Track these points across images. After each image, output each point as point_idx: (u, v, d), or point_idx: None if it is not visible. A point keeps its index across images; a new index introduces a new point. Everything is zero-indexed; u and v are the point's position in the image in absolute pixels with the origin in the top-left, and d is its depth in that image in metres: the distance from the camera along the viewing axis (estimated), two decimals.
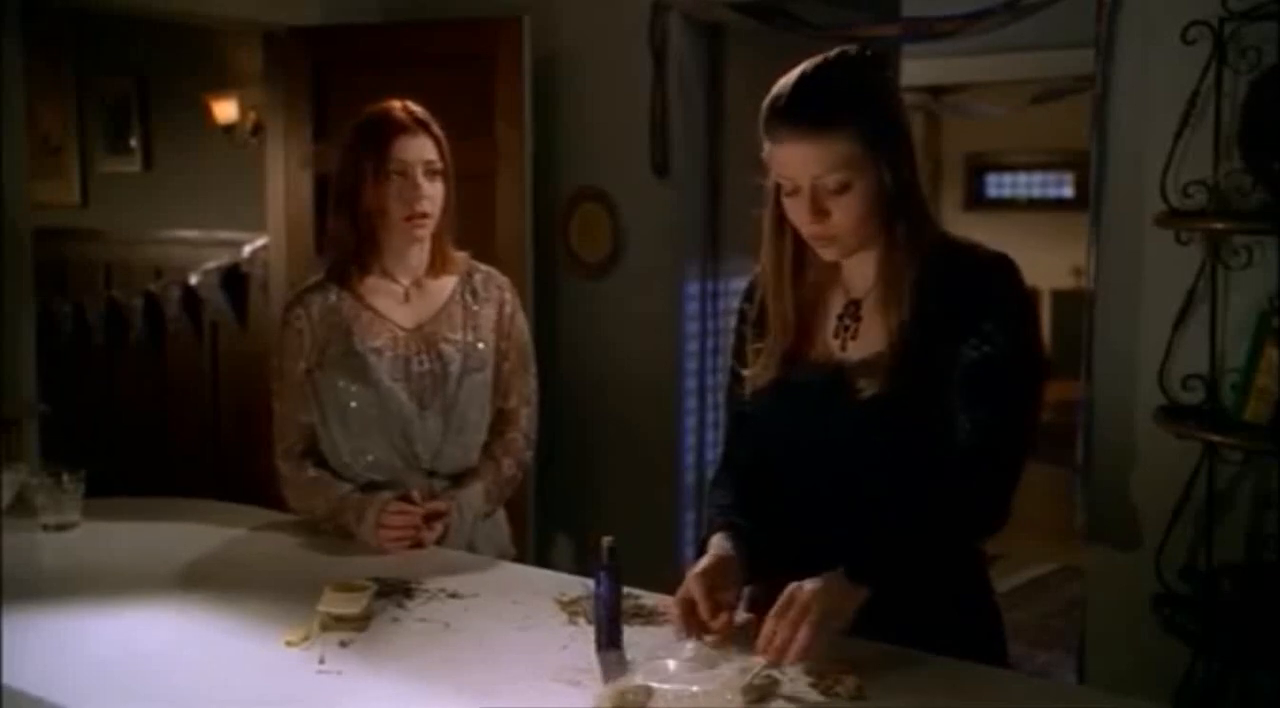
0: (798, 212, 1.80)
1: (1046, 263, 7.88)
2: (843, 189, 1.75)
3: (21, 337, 4.06)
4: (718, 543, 1.86)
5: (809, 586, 1.67)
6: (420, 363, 2.44)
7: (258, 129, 5.20)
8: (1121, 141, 3.18)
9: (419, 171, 2.39)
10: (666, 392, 4.09)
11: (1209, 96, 2.95)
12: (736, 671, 1.63)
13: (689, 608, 1.76)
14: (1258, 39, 2.89)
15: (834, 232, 1.79)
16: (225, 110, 5.46)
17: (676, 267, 4.09)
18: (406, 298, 2.48)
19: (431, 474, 2.44)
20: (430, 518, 2.36)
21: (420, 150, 2.40)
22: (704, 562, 1.82)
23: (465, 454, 2.47)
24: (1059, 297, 8.39)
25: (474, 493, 2.45)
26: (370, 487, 2.41)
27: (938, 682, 1.69)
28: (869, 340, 1.83)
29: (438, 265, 2.50)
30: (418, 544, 2.33)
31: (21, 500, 2.52)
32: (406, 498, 2.38)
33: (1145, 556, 3.08)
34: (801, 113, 1.74)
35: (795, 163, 1.76)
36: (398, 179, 2.39)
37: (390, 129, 2.40)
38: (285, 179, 4.39)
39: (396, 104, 2.45)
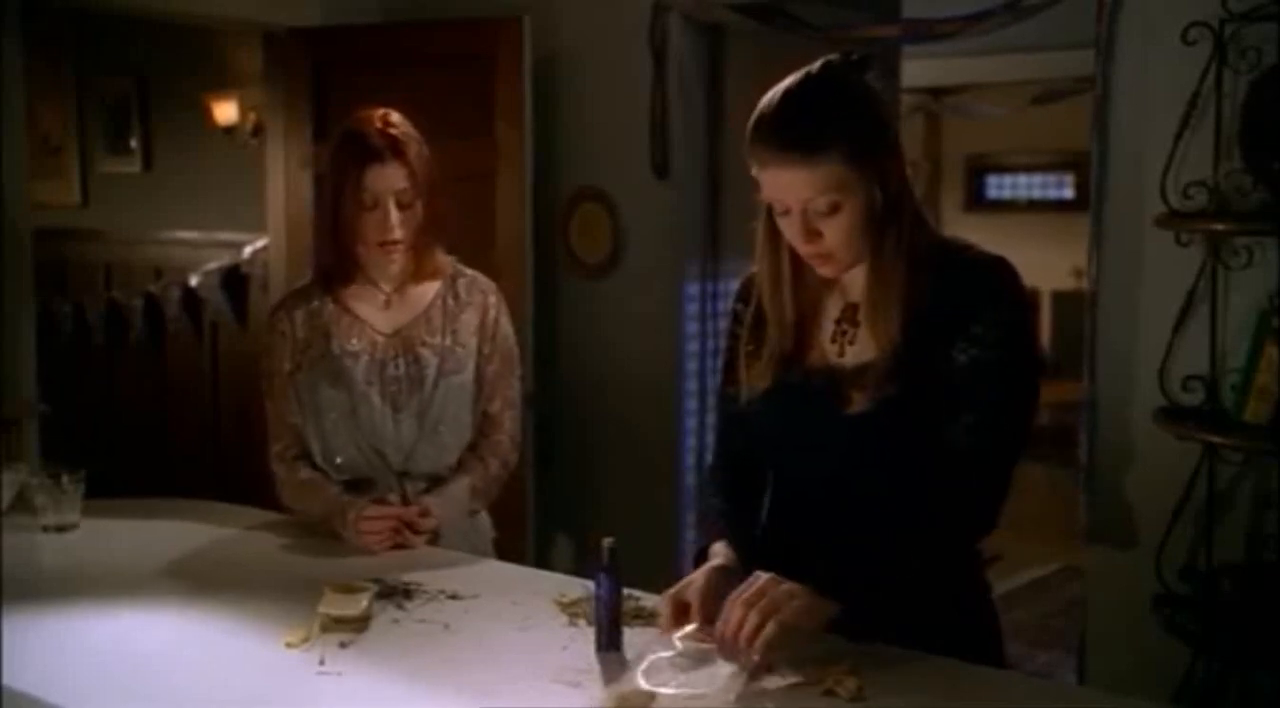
0: (790, 233, 1.79)
1: (1047, 264, 7.89)
2: (833, 210, 1.74)
3: (21, 337, 4.06)
4: (720, 552, 1.86)
5: (785, 585, 1.66)
6: (396, 367, 2.46)
7: (258, 130, 5.20)
8: (1122, 142, 3.18)
9: (390, 201, 2.39)
10: (666, 392, 4.09)
11: (1209, 97, 2.95)
12: (742, 674, 1.63)
13: (681, 611, 1.76)
14: (1258, 39, 2.89)
15: (828, 250, 1.78)
16: (225, 111, 5.46)
17: (676, 267, 4.09)
18: (388, 304, 2.50)
19: (404, 475, 2.45)
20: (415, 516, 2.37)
21: (391, 180, 2.38)
22: (706, 570, 1.82)
23: (441, 455, 2.48)
24: (1059, 298, 8.40)
25: (460, 488, 2.46)
26: (351, 487, 2.44)
27: (938, 682, 1.69)
28: (866, 346, 1.82)
29: (420, 274, 2.50)
30: (402, 545, 2.34)
31: (21, 501, 2.52)
32: (383, 500, 2.39)
33: (1145, 556, 3.08)
34: (786, 137, 1.73)
35: (783, 187, 1.75)
36: (370, 208, 2.39)
37: (363, 157, 2.38)
38: (285, 179, 4.40)
39: (376, 122, 2.41)
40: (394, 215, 2.39)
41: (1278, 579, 2.86)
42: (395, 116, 2.44)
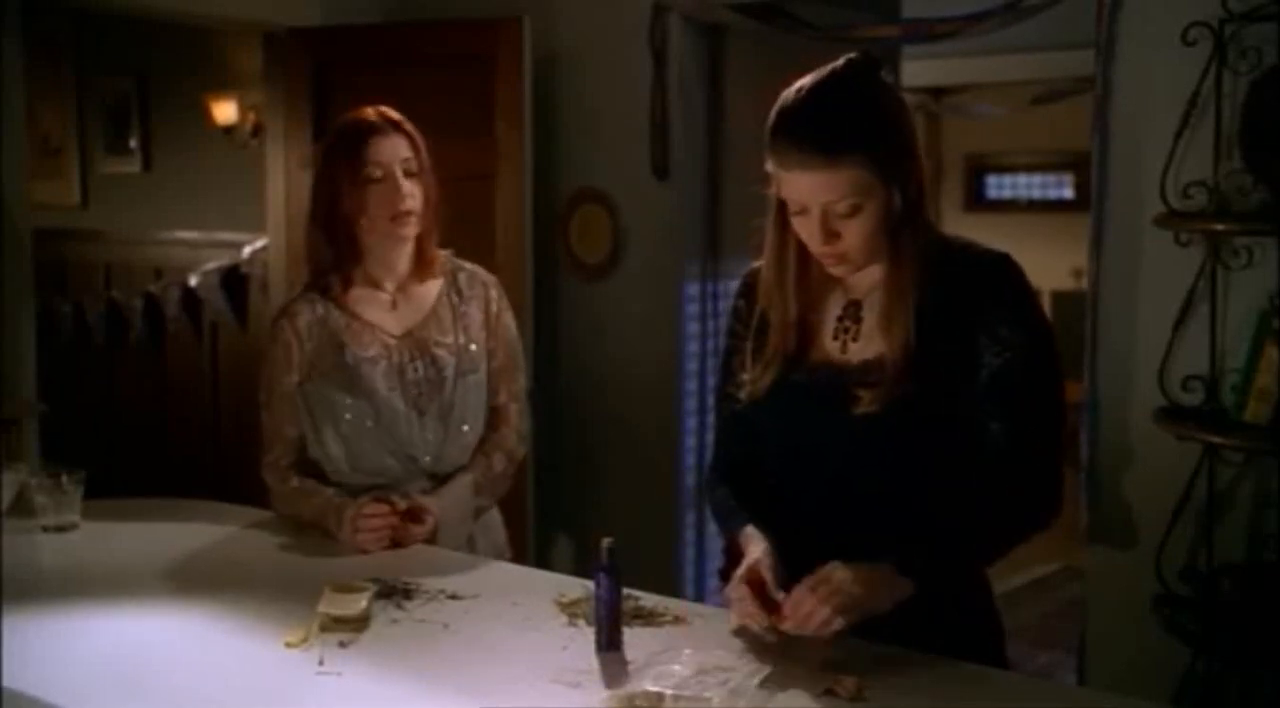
0: (807, 232, 1.78)
1: (1047, 264, 7.88)
2: (853, 212, 1.74)
3: (21, 337, 4.07)
4: (756, 533, 1.85)
5: (846, 569, 1.68)
6: (415, 369, 2.44)
7: (258, 130, 5.20)
8: (1122, 142, 3.18)
9: (398, 171, 2.39)
10: (666, 392, 4.09)
11: (1209, 97, 2.95)
12: (745, 676, 1.63)
13: (760, 589, 1.75)
14: (1258, 40, 2.89)
15: (844, 250, 1.78)
16: (225, 111, 5.46)
17: (676, 267, 4.09)
18: (394, 304, 2.49)
19: (433, 477, 2.45)
20: (411, 517, 2.34)
21: (396, 150, 2.40)
22: (760, 548, 1.81)
23: (465, 455, 2.48)
24: (1059, 298, 8.39)
25: (462, 485, 2.44)
26: (372, 492, 2.41)
27: (938, 682, 1.69)
28: (870, 343, 1.82)
29: (422, 268, 2.49)
30: (397, 543, 2.33)
31: (21, 501, 2.51)
32: (383, 499, 2.36)
33: (1145, 556, 3.08)
34: (811, 139, 1.71)
35: (804, 189, 1.74)
36: (378, 181, 2.39)
37: (364, 131, 2.40)
38: (285, 180, 4.40)
39: (368, 109, 2.45)
40: (404, 184, 2.39)
41: (1278, 579, 2.86)
42: (386, 108, 2.46)
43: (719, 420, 2.06)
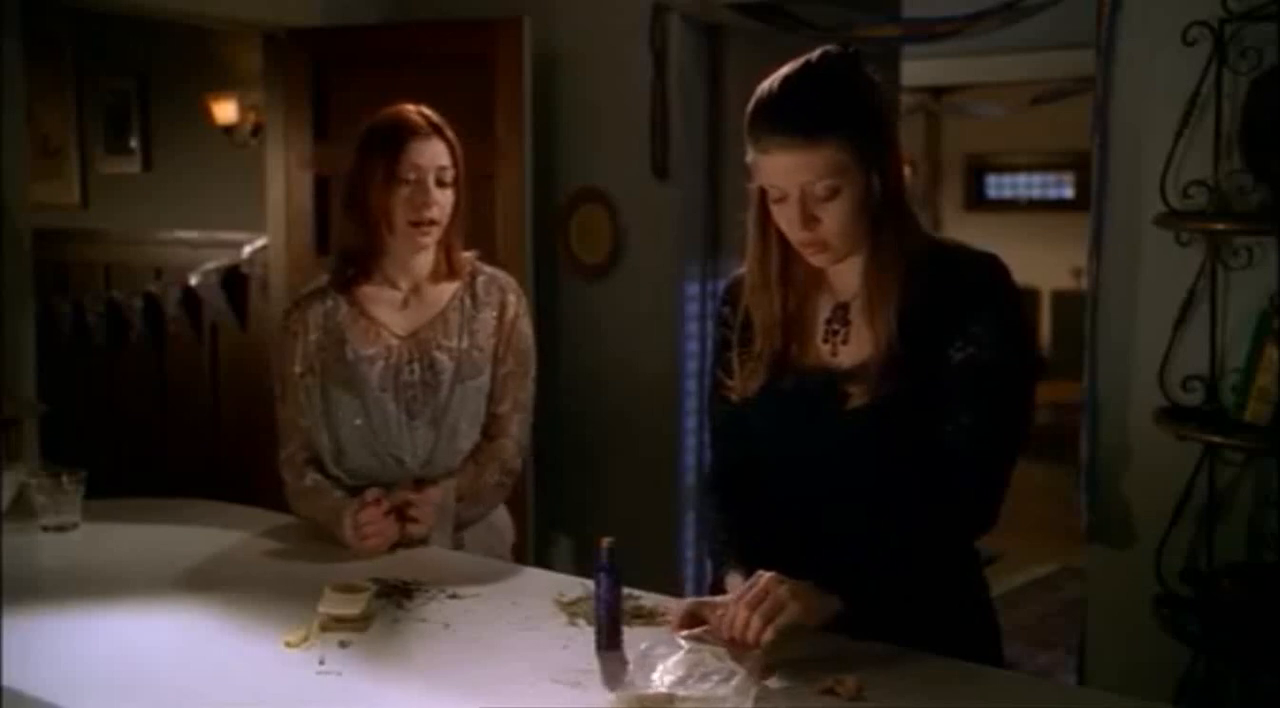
0: (786, 218, 1.78)
1: (1046, 263, 7.91)
2: (832, 195, 1.74)
3: (21, 337, 4.07)
4: (737, 585, 1.81)
5: (787, 584, 1.67)
6: (411, 372, 2.42)
7: (258, 130, 5.21)
8: (1122, 142, 3.18)
9: (430, 178, 2.37)
10: (666, 392, 4.09)
11: (1209, 97, 2.95)
12: (746, 675, 1.62)
13: (695, 625, 1.75)
14: (1258, 40, 2.89)
15: (823, 238, 1.78)
16: (225, 111, 5.46)
17: (676, 267, 4.09)
18: (405, 304, 2.47)
19: (420, 481, 2.42)
20: (402, 512, 2.31)
21: (434, 156, 2.38)
22: (729, 595, 1.78)
23: (458, 459, 2.46)
24: (1059, 297, 8.41)
25: (442, 490, 2.39)
26: (358, 491, 2.39)
27: (938, 682, 1.69)
28: (859, 346, 1.82)
29: (443, 271, 2.48)
30: (395, 543, 2.29)
31: (21, 501, 2.51)
32: (373, 500, 2.32)
33: (1145, 556, 3.08)
34: (789, 121, 1.73)
35: (783, 171, 1.75)
36: (409, 184, 2.37)
37: (405, 133, 2.38)
38: (285, 179, 4.40)
39: (411, 108, 2.42)
40: (434, 192, 2.37)
41: (1278, 579, 2.86)
42: (427, 109, 2.44)
43: (712, 424, 2.05)
